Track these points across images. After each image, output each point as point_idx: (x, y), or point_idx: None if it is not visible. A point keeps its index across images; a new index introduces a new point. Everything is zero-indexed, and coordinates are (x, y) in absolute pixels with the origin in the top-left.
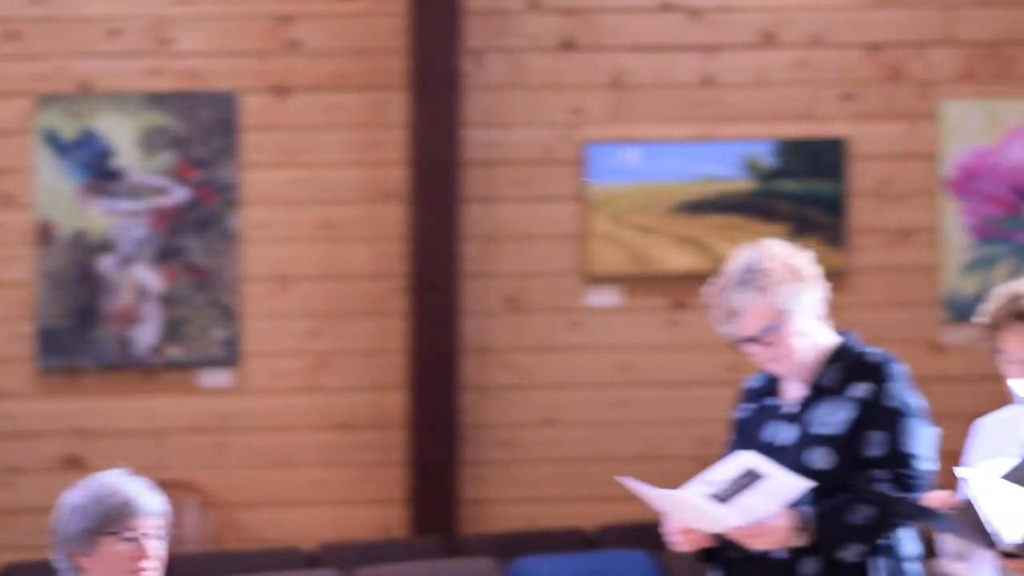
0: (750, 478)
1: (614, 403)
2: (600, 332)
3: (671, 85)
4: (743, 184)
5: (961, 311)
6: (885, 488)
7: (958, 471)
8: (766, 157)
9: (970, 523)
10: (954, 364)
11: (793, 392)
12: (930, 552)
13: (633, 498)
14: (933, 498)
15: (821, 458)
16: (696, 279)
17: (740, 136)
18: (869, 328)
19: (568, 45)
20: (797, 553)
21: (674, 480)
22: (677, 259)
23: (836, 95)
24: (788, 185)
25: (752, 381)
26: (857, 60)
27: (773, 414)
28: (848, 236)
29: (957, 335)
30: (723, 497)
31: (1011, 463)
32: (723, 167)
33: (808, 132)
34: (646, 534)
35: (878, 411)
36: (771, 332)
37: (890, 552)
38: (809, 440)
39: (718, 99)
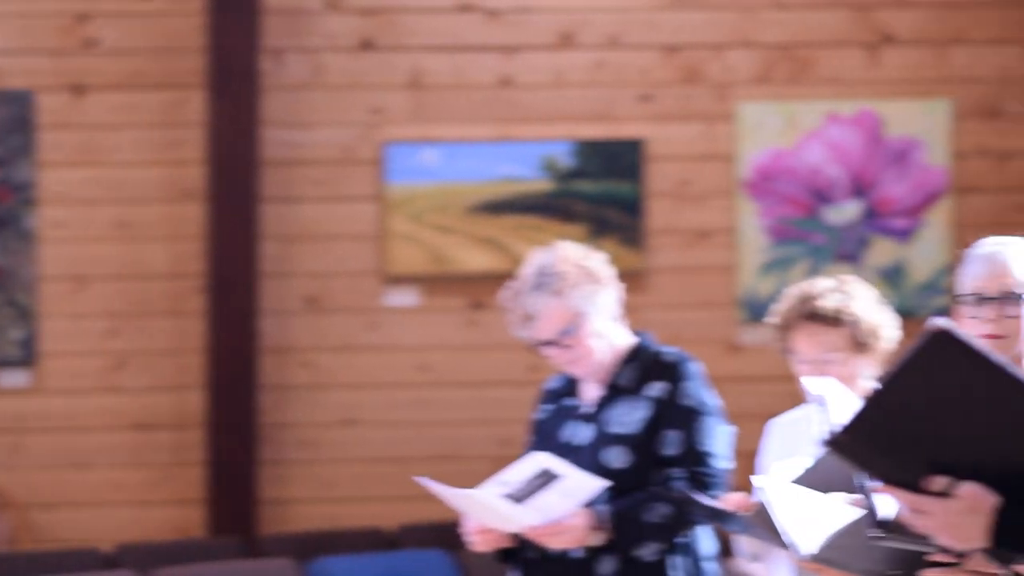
0: (546, 478)
1: (413, 403)
2: (399, 332)
3: (470, 86)
4: (541, 185)
5: (757, 311)
6: (682, 487)
7: (753, 478)
8: (564, 158)
9: (765, 525)
10: (751, 364)
11: (591, 393)
12: (727, 551)
13: (432, 498)
14: (729, 500)
15: (618, 457)
16: (495, 279)
17: (538, 137)
18: (666, 328)
19: (367, 45)
20: (595, 552)
21: (473, 480)
22: (476, 259)
23: (634, 96)
24: (586, 186)
25: (551, 382)
26: (654, 62)
27: (571, 414)
28: (646, 237)
29: (754, 335)
30: (519, 497)
31: (803, 466)
32: (521, 168)
33: (606, 133)
34: (445, 534)
35: (674, 410)
36: (568, 335)
37: (688, 551)
38: (606, 439)
39: (516, 100)
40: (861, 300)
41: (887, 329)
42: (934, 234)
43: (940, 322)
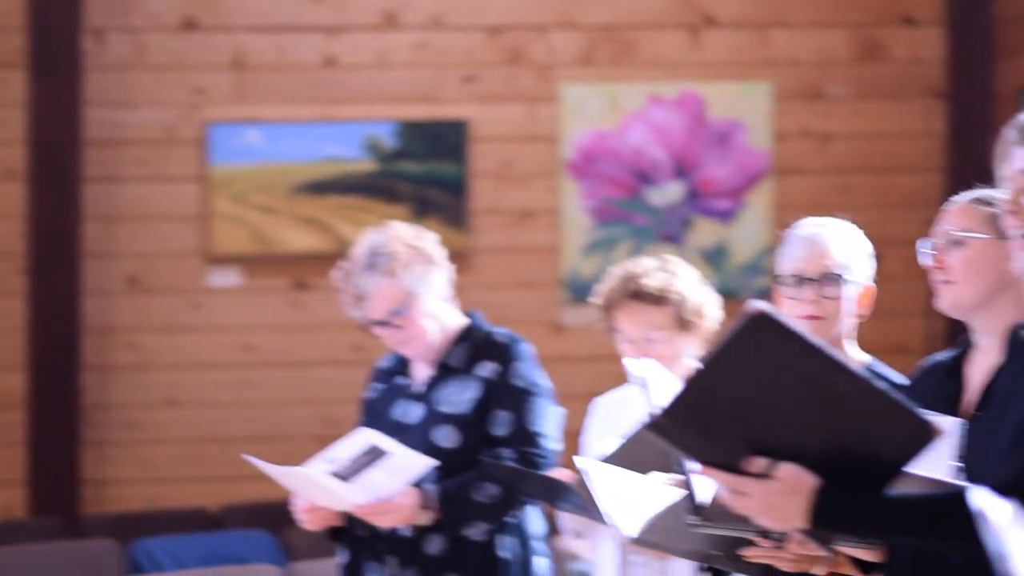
0: (373, 455)
1: (237, 383)
2: (222, 312)
3: (293, 66)
4: (365, 165)
5: (581, 292)
6: (516, 466)
7: (576, 458)
8: (388, 138)
9: (589, 503)
10: (574, 344)
11: (422, 372)
12: (556, 531)
13: (256, 478)
14: (555, 475)
15: (447, 437)
16: (318, 260)
17: (362, 117)
18: (490, 309)
19: (190, 25)
20: (423, 531)
21: (297, 461)
22: (299, 240)
23: (457, 77)
24: (410, 166)
25: (383, 361)
26: (478, 43)
27: (403, 393)
28: (469, 217)
29: (577, 316)
30: (346, 475)
31: (617, 444)
32: (345, 148)
33: (429, 114)
34: (269, 514)
35: (504, 391)
36: (399, 315)
37: (516, 531)
38: (436, 419)
39: (340, 80)
40: (685, 279)
41: (710, 308)
42: (756, 215)
43: (759, 304)
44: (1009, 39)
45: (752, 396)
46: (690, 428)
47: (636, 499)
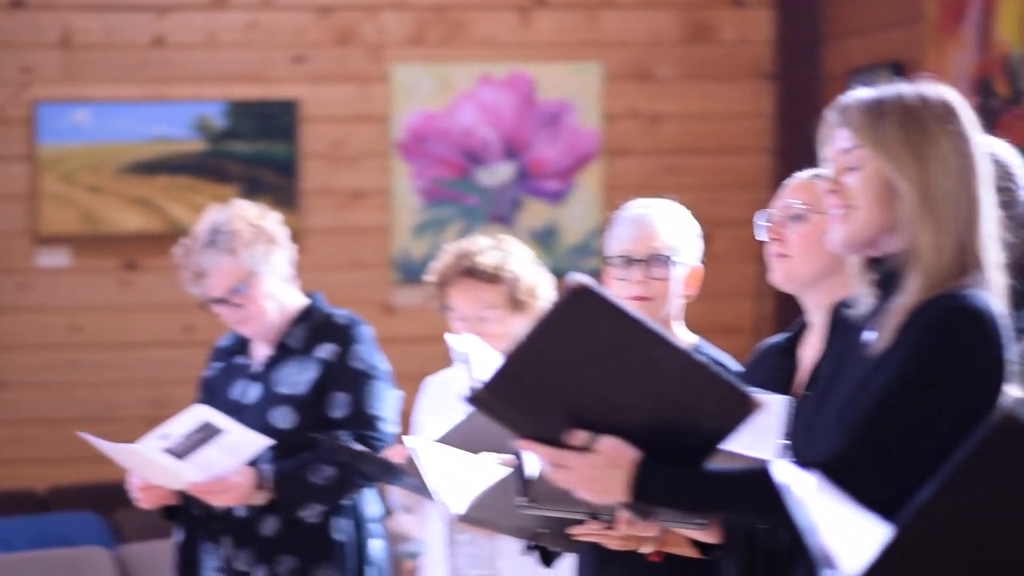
0: (207, 432)
1: (65, 364)
2: (50, 293)
3: (122, 45)
4: (194, 145)
5: (411, 273)
6: (353, 445)
7: (405, 437)
8: (217, 118)
9: (417, 481)
10: (405, 325)
11: (262, 352)
12: (391, 512)
13: (85, 460)
14: (388, 453)
15: (284, 417)
16: (148, 240)
17: (192, 97)
18: (321, 289)
19: (17, 3)
20: (258, 512)
21: (127, 442)
22: (129, 220)
23: (287, 57)
24: (239, 146)
25: (222, 340)
26: (307, 23)
27: (241, 373)
28: (300, 198)
29: (407, 296)
30: (180, 452)
31: (451, 424)
32: (174, 128)
33: (259, 94)
34: (97, 496)
35: (343, 372)
36: (239, 293)
37: (352, 513)
38: (273, 399)
39: (169, 60)
40: (519, 259)
41: (543, 289)
42: (586, 196)
43: (580, 278)
44: (836, 21)
45: (573, 370)
46: (512, 402)
47: (465, 477)
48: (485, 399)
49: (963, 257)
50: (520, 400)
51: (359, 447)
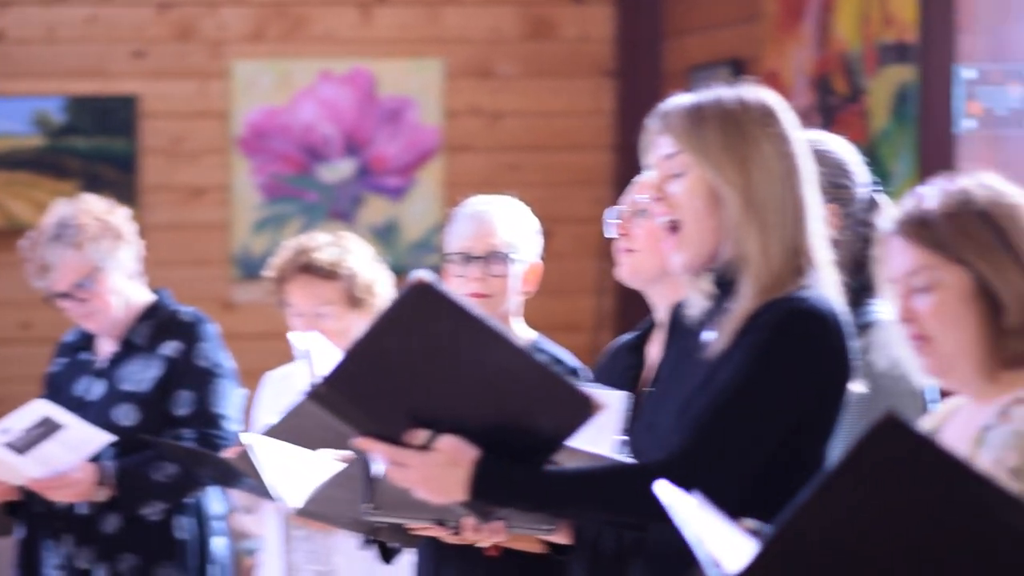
0: (47, 427)
1: None
2: None
3: None
4: (32, 140)
5: (251, 269)
6: (190, 446)
7: (241, 434)
8: (56, 114)
9: (255, 479)
10: (245, 322)
11: (107, 348)
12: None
13: None
14: (226, 453)
15: (127, 415)
16: None
17: (30, 92)
18: (161, 286)
19: None
20: (99, 509)
21: None
22: None
23: (127, 52)
24: (78, 142)
25: (68, 335)
26: (147, 18)
27: (86, 369)
28: (140, 194)
29: (247, 293)
30: (20, 447)
31: (278, 418)
32: (12, 123)
33: (99, 89)
34: None
35: (188, 370)
36: (84, 288)
37: (194, 511)
38: (117, 396)
39: (7, 54)
40: (357, 255)
41: (382, 286)
42: (426, 193)
43: (422, 274)
44: (676, 18)
45: (414, 367)
46: (352, 399)
47: (302, 473)
48: (325, 395)
49: (795, 259)
50: (360, 397)
51: (195, 448)
